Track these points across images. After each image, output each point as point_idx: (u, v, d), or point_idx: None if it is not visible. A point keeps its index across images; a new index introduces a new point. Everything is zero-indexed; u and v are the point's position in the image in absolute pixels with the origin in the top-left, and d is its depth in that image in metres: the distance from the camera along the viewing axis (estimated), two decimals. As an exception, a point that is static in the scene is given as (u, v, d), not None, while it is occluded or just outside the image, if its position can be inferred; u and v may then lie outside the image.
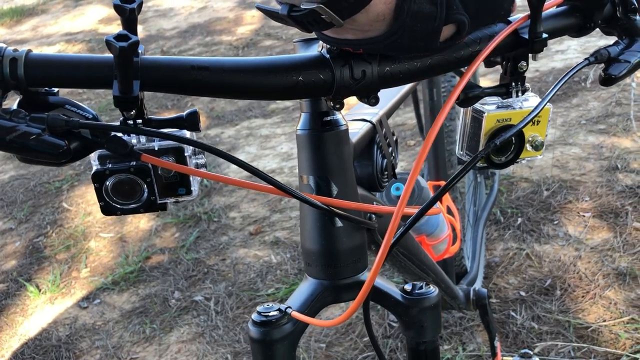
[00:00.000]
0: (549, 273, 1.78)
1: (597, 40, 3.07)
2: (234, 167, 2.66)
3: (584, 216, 1.98)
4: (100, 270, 2.20)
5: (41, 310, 2.05)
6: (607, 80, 0.51)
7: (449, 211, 1.24)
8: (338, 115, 0.60)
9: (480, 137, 0.54)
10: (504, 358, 1.21)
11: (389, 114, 0.95)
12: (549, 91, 0.51)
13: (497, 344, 1.28)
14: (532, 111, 0.50)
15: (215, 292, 1.96)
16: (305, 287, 0.64)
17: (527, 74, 0.54)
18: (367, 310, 0.62)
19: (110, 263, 2.23)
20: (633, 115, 2.45)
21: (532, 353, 1.15)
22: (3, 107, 0.43)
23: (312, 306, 0.63)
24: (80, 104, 0.46)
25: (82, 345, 1.85)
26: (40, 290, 2.14)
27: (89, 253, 2.31)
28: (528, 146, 0.55)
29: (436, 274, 1.05)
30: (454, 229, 1.20)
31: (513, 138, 0.54)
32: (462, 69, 0.50)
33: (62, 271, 2.23)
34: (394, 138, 0.86)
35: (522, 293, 1.73)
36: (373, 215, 0.67)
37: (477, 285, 1.59)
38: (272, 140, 2.93)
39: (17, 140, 0.42)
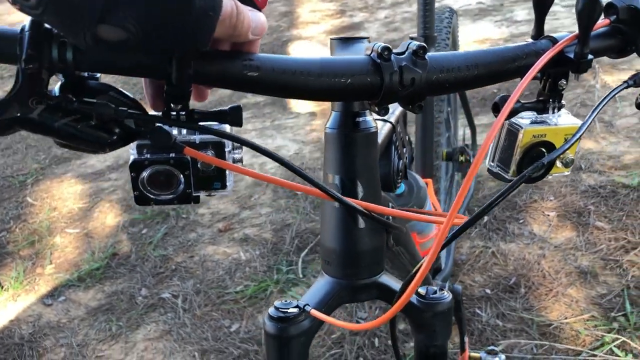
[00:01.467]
0: (513, 271, 1.82)
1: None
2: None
3: (548, 215, 2.03)
4: (65, 266, 2.16)
5: (3, 307, 2.01)
6: None
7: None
8: (369, 117, 0.60)
9: (515, 151, 0.54)
10: (471, 354, 1.23)
11: (404, 114, 0.95)
12: (589, 114, 0.51)
13: (466, 339, 1.30)
14: (575, 133, 0.51)
15: (183, 290, 1.95)
16: (322, 284, 0.64)
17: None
18: (394, 320, 0.63)
19: (76, 259, 2.19)
20: (597, 117, 2.51)
21: (498, 350, 1.18)
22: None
23: (330, 304, 0.63)
24: (123, 90, 0.45)
25: (46, 343, 1.82)
26: (2, 287, 2.09)
27: (53, 249, 2.27)
28: (558, 163, 0.56)
29: None
30: None
31: (546, 154, 0.55)
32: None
33: (26, 267, 2.18)
34: (407, 138, 0.85)
35: (488, 291, 1.76)
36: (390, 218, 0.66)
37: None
38: (243, 135, 2.92)
39: (64, 128, 0.41)
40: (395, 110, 0.90)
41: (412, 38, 1.43)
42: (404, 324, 1.67)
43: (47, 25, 0.39)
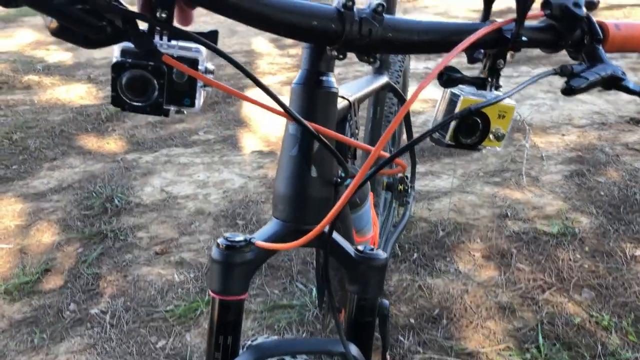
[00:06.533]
0: (437, 304, 1.89)
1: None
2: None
3: (474, 255, 2.13)
4: (-7, 279, 2.12)
5: None
6: (568, 90, 0.57)
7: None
8: (332, 78, 0.65)
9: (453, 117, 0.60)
10: None
11: (360, 100, 1.02)
12: (516, 87, 0.57)
13: (388, 356, 1.35)
14: (498, 97, 0.56)
15: (113, 306, 1.94)
16: (271, 226, 0.68)
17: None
18: (327, 256, 0.66)
19: (6, 273, 2.15)
20: (524, 172, 2.68)
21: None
22: None
23: (274, 242, 0.66)
24: None
25: (-37, 353, 1.77)
26: None
27: (-17, 262, 2.22)
28: (491, 136, 0.62)
29: None
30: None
31: (480, 124, 0.60)
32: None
33: (-49, 279, 2.13)
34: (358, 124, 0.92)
35: (412, 320, 1.82)
36: (340, 177, 0.70)
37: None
38: (190, 168, 2.96)
39: (62, 8, 0.44)
40: (355, 92, 0.98)
41: None
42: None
43: None
